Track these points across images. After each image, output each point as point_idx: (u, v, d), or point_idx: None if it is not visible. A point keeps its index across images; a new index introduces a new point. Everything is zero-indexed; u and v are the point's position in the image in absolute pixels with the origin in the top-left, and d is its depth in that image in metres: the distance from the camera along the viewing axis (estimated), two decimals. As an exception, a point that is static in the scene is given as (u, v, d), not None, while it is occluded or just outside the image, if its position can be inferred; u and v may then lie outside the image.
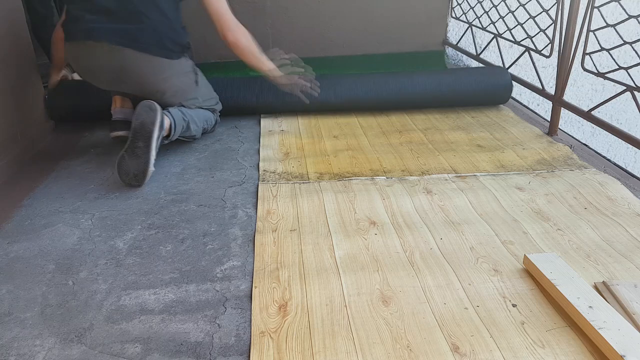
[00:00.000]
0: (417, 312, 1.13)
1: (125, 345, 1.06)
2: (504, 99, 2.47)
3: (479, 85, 2.40)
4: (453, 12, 3.27)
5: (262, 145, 2.08)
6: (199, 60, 3.24)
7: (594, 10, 1.88)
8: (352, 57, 3.30)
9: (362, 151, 2.01)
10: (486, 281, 1.23)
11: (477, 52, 2.96)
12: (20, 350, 1.06)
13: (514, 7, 2.54)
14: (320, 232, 1.45)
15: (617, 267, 1.28)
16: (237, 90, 2.36)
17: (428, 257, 1.33)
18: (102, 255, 1.38)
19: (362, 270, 1.28)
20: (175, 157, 1.99)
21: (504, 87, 2.42)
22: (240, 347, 1.05)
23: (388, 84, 2.39)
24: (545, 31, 2.18)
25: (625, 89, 1.76)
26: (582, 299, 1.10)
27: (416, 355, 1.02)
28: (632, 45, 1.71)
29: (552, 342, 1.04)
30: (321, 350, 1.03)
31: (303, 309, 1.15)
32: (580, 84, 3.57)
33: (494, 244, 1.39)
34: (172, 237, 1.45)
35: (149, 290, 1.23)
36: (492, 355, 1.01)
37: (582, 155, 1.93)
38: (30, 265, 1.34)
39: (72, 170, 1.89)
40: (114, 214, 1.58)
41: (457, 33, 3.34)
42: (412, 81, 2.40)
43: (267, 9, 3.18)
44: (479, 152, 1.97)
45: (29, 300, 1.21)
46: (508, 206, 1.58)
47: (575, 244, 1.38)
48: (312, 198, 1.64)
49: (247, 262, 1.33)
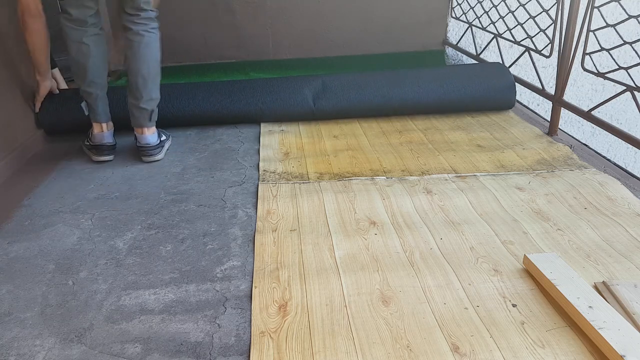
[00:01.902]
0: (417, 312, 1.13)
1: (125, 345, 1.07)
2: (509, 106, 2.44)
3: (485, 93, 2.35)
4: (453, 12, 3.27)
5: (262, 145, 2.08)
6: (198, 60, 3.26)
7: (594, 10, 1.88)
8: (352, 57, 3.30)
9: (362, 151, 2.01)
10: (486, 281, 1.23)
11: (477, 52, 2.97)
12: (20, 350, 1.06)
13: (514, 7, 2.53)
14: (320, 232, 1.45)
15: (617, 267, 1.28)
16: (238, 94, 2.31)
17: (428, 257, 1.33)
18: (102, 255, 1.38)
19: (362, 270, 1.28)
20: (175, 157, 2.00)
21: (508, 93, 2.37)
22: (240, 347, 1.05)
23: (391, 93, 2.32)
24: (545, 31, 2.18)
25: (625, 89, 1.76)
26: (582, 299, 1.10)
27: (416, 355, 1.02)
28: (632, 45, 1.71)
29: (552, 342, 1.04)
30: (321, 350, 1.03)
31: (303, 309, 1.15)
32: (580, 84, 3.57)
33: (494, 244, 1.39)
34: (172, 237, 1.45)
35: (149, 290, 1.23)
36: (492, 355, 1.01)
37: (582, 155, 1.93)
38: (30, 265, 1.34)
39: (72, 170, 1.89)
40: (114, 214, 1.58)
41: (457, 33, 3.34)
42: (418, 88, 2.33)
43: (267, 9, 3.18)
44: (479, 152, 1.97)
45: (29, 300, 1.21)
46: (508, 206, 1.58)
47: (575, 244, 1.38)
48: (312, 198, 1.64)
49: (247, 262, 1.33)
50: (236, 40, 3.23)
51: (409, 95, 2.32)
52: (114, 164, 1.93)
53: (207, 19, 3.18)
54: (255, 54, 3.28)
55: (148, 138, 1.95)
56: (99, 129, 1.97)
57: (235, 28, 3.20)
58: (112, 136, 2.00)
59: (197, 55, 3.25)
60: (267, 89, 2.30)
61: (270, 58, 3.30)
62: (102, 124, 1.97)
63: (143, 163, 1.94)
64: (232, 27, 3.20)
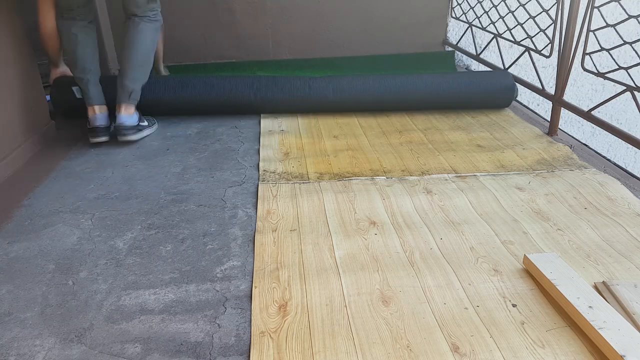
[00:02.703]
0: (417, 312, 1.13)
1: (125, 345, 1.07)
2: (507, 103, 2.47)
3: (484, 94, 2.40)
4: (453, 12, 3.27)
5: (262, 145, 2.08)
6: (198, 60, 3.26)
7: (594, 10, 1.88)
8: (352, 57, 3.30)
9: (362, 151, 2.01)
10: (486, 281, 1.23)
11: (477, 52, 2.96)
12: (20, 350, 1.06)
13: (514, 7, 2.54)
14: (320, 232, 1.45)
15: (617, 267, 1.28)
16: (236, 87, 2.37)
17: (428, 257, 1.33)
18: (102, 255, 1.38)
19: (362, 270, 1.28)
20: (175, 157, 2.00)
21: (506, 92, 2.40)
22: (240, 347, 1.05)
23: (390, 88, 2.38)
24: (545, 31, 2.18)
25: (625, 89, 1.76)
26: (582, 299, 1.10)
27: (416, 355, 1.02)
28: (632, 45, 1.71)
29: (552, 342, 1.04)
30: (321, 350, 1.03)
31: (303, 309, 1.15)
32: (580, 84, 3.57)
33: (494, 244, 1.39)
34: (172, 237, 1.45)
35: (149, 290, 1.23)
36: (492, 355, 1.01)
37: (582, 155, 1.93)
38: (30, 265, 1.34)
39: (72, 170, 1.89)
40: (114, 214, 1.58)
41: (457, 33, 3.34)
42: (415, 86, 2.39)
43: (267, 9, 3.18)
44: (479, 152, 1.97)
45: (29, 300, 1.21)
46: (508, 206, 1.58)
47: (575, 244, 1.38)
48: (312, 198, 1.64)
49: (247, 262, 1.33)
50: (236, 40, 3.24)
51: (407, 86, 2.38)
52: (114, 164, 1.93)
53: (207, 19, 3.19)
54: (255, 54, 3.28)
55: (123, 117, 2.08)
56: (92, 111, 2.10)
57: (235, 28, 3.21)
58: (106, 118, 2.12)
59: (197, 55, 3.25)
60: (265, 80, 2.37)
61: (270, 58, 3.30)
62: (94, 106, 2.09)
63: (143, 163, 1.94)
64: (232, 27, 3.20)
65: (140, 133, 2.15)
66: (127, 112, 2.09)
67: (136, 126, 2.12)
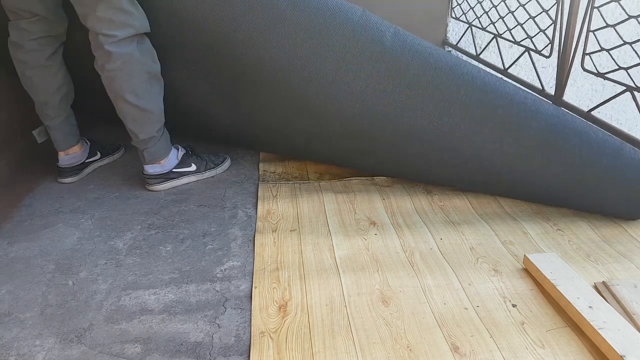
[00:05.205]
0: (417, 312, 1.13)
1: (125, 345, 1.06)
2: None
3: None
4: (453, 12, 3.28)
5: (262, 145, 2.08)
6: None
7: (594, 10, 1.88)
8: None
9: (362, 151, 2.00)
10: (486, 281, 1.23)
11: (476, 52, 2.97)
12: (20, 350, 1.06)
13: (514, 7, 2.53)
14: (320, 232, 1.45)
15: (617, 267, 1.28)
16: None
17: (428, 257, 1.33)
18: (102, 255, 1.38)
19: (362, 270, 1.28)
20: (175, 157, 1.99)
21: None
22: (240, 347, 1.05)
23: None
24: (545, 31, 2.18)
25: (625, 89, 1.76)
26: (582, 299, 1.10)
27: (416, 355, 1.02)
28: (632, 45, 1.71)
29: (552, 342, 1.04)
30: (321, 350, 1.03)
31: (303, 309, 1.15)
32: (580, 84, 3.57)
33: (494, 244, 1.39)
34: (172, 237, 1.45)
35: (148, 290, 1.23)
36: (492, 356, 1.01)
37: (582, 156, 1.93)
38: (30, 265, 1.34)
39: (72, 170, 1.89)
40: (114, 214, 1.58)
41: (457, 33, 3.34)
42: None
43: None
44: (479, 152, 1.97)
45: (29, 300, 1.21)
46: (508, 206, 1.58)
47: (575, 244, 1.38)
48: (312, 198, 1.64)
49: (247, 262, 1.33)
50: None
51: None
52: (114, 164, 1.93)
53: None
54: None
55: (146, 167, 1.69)
56: (60, 153, 1.76)
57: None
58: (79, 156, 1.78)
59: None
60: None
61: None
62: (60, 151, 1.75)
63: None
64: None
65: (172, 182, 1.71)
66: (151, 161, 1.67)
67: (165, 174, 1.69)
